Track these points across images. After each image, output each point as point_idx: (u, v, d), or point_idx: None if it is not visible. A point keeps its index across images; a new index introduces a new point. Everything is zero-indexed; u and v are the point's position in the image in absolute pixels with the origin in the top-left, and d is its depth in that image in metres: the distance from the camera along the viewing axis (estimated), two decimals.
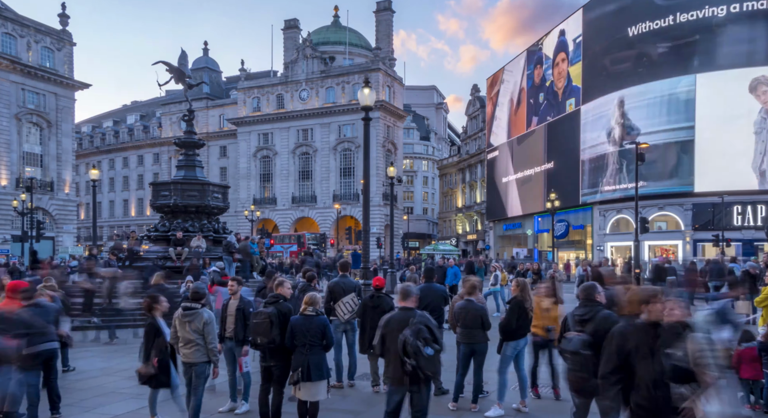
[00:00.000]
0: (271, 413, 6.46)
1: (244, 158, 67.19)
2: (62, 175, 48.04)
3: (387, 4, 65.88)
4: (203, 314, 6.23)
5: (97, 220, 28.96)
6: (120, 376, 9.49)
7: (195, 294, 6.41)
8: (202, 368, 6.26)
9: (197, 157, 21.08)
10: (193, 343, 6.17)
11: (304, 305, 6.25)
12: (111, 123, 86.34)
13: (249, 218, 53.28)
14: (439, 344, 5.32)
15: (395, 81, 64.47)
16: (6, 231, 42.28)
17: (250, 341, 6.83)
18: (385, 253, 47.38)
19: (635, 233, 26.32)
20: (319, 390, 6.10)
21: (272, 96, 65.81)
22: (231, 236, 19.51)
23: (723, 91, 33.10)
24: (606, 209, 41.05)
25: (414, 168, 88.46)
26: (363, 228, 15.68)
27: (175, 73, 20.71)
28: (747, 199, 34.22)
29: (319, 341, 6.08)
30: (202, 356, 6.23)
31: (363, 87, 14.78)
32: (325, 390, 6.19)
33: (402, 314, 5.57)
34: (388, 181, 31.60)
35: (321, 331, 6.11)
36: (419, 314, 5.45)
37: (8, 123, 44.20)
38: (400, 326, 5.38)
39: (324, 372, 6.11)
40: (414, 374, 5.22)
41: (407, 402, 5.54)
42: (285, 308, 6.41)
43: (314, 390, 6.07)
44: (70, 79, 48.40)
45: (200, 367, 6.25)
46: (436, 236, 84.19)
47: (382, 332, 5.60)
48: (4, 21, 44.09)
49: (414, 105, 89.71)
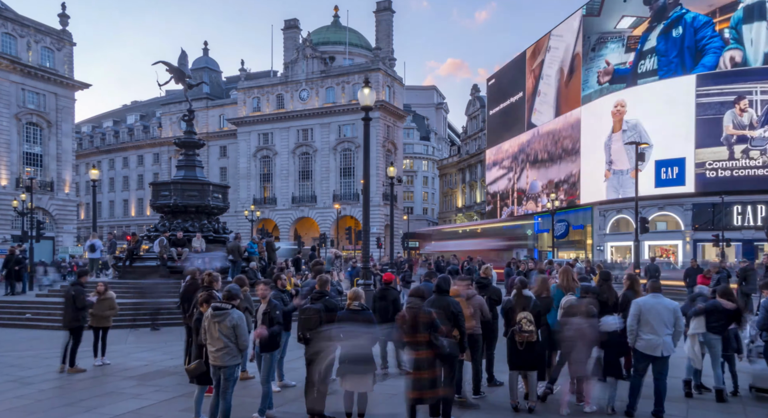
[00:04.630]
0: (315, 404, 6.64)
1: (244, 158, 67.20)
2: (62, 175, 48.02)
3: (387, 4, 65.86)
4: (233, 315, 6.07)
5: (97, 220, 28.92)
6: (120, 376, 9.48)
7: (228, 293, 6.24)
8: (231, 370, 6.12)
9: (197, 157, 21.10)
10: (222, 345, 6.01)
11: (349, 300, 6.46)
12: (111, 123, 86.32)
13: (249, 218, 53.26)
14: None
15: (395, 81, 64.46)
16: (6, 231, 42.25)
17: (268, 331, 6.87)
18: (385, 253, 47.38)
19: (635, 233, 26.33)
20: (366, 381, 6.24)
21: (272, 96, 65.80)
22: (231, 235, 19.52)
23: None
24: (606, 208, 41.04)
25: (414, 168, 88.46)
26: (363, 228, 15.67)
27: (175, 73, 20.73)
28: (747, 199, 34.23)
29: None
30: (231, 359, 6.08)
31: (363, 87, 14.77)
32: (371, 381, 6.30)
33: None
34: (388, 181, 31.61)
35: (367, 324, 6.29)
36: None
37: (8, 123, 44.18)
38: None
39: (370, 364, 6.24)
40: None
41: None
42: (331, 304, 6.64)
43: (361, 381, 6.22)
44: (70, 79, 48.37)
45: (229, 370, 6.10)
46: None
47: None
48: (4, 21, 44.06)
49: (414, 105, 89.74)
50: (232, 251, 17.47)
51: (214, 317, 6.07)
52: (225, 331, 6.00)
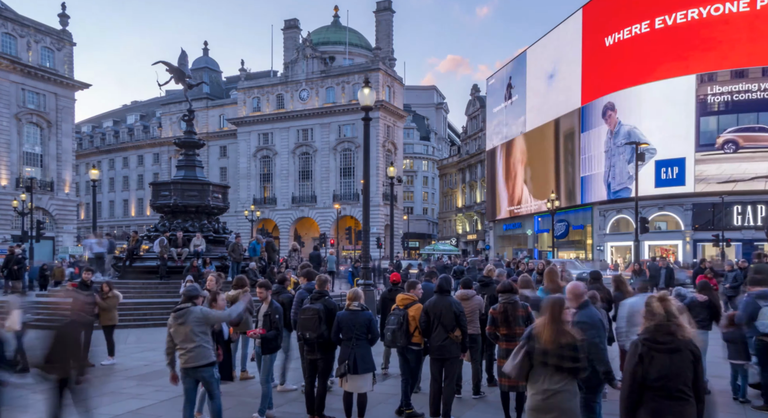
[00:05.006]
0: (315, 404, 6.66)
1: (244, 158, 67.19)
2: (62, 175, 48.02)
3: (387, 4, 65.82)
4: (194, 310, 5.86)
5: (97, 220, 28.93)
6: (120, 376, 9.49)
7: (187, 294, 6.11)
8: (209, 371, 5.90)
9: (197, 157, 21.10)
10: (194, 343, 5.77)
11: (348, 301, 6.49)
12: (111, 123, 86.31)
13: (249, 218, 53.27)
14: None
15: (395, 81, 64.45)
16: (6, 231, 42.24)
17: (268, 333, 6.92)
18: (385, 253, 47.36)
19: (635, 233, 26.32)
20: (365, 382, 6.29)
21: (272, 96, 65.79)
22: (231, 236, 19.52)
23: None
24: (606, 208, 41.03)
25: (414, 168, 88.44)
26: (363, 228, 15.66)
27: (175, 73, 20.73)
28: (747, 199, 34.22)
29: (365, 334, 6.30)
30: (205, 357, 5.83)
31: (363, 87, 14.77)
32: (371, 382, 6.36)
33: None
34: (388, 181, 31.61)
35: (366, 325, 6.33)
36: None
37: (8, 123, 44.18)
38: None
39: (370, 365, 6.29)
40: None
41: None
42: (331, 304, 6.66)
43: (361, 382, 6.26)
44: (70, 79, 48.38)
45: (207, 371, 5.88)
46: (436, 236, 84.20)
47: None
48: (4, 21, 44.07)
49: (414, 105, 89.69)
50: (232, 252, 17.50)
51: (176, 319, 5.87)
52: (194, 327, 5.79)
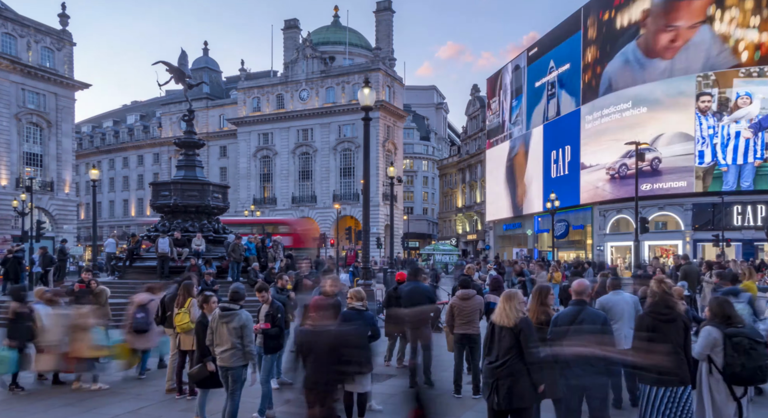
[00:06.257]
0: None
1: (244, 158, 67.19)
2: (62, 175, 48.03)
3: (387, 4, 65.83)
4: (242, 315, 6.07)
5: (97, 220, 28.93)
6: (120, 376, 9.47)
7: (234, 295, 6.21)
8: (239, 371, 6.10)
9: (197, 157, 21.08)
10: (229, 346, 6.00)
11: (351, 301, 6.56)
12: (111, 123, 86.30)
13: (249, 218, 53.26)
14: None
15: (395, 81, 64.45)
16: (6, 231, 42.23)
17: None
18: (385, 253, 47.38)
19: (635, 233, 26.31)
20: (365, 381, 6.36)
21: (272, 96, 65.80)
22: (231, 236, 19.50)
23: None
24: (606, 208, 41.01)
25: (414, 168, 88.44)
26: (363, 228, 15.68)
27: (175, 73, 20.71)
28: (747, 199, 34.20)
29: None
30: (238, 360, 6.05)
31: (363, 87, 14.78)
32: (369, 381, 6.44)
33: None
34: (388, 181, 31.62)
35: (369, 325, 6.40)
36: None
37: (8, 123, 44.18)
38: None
39: (370, 364, 6.31)
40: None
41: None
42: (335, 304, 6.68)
43: (362, 381, 6.31)
44: (70, 79, 48.38)
45: (237, 371, 6.08)
46: (436, 236, 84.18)
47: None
48: (4, 21, 44.06)
49: (414, 105, 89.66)
50: (232, 252, 17.46)
51: (222, 318, 6.04)
52: (233, 332, 5.98)
